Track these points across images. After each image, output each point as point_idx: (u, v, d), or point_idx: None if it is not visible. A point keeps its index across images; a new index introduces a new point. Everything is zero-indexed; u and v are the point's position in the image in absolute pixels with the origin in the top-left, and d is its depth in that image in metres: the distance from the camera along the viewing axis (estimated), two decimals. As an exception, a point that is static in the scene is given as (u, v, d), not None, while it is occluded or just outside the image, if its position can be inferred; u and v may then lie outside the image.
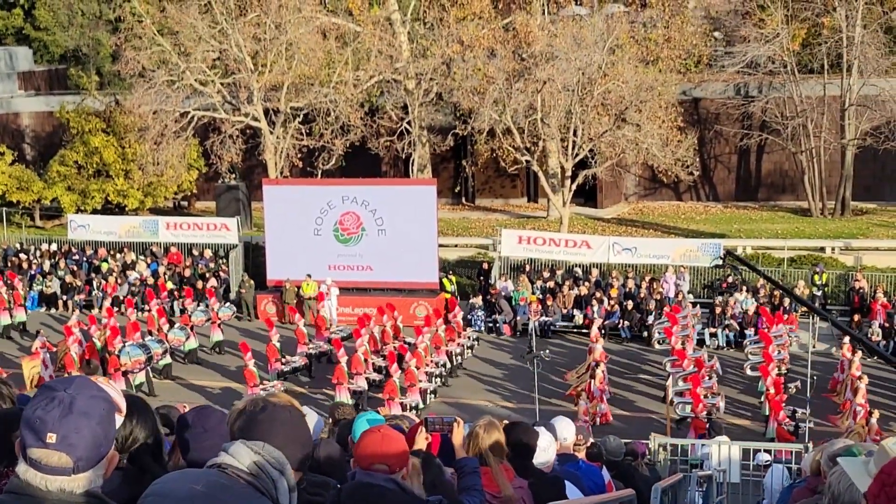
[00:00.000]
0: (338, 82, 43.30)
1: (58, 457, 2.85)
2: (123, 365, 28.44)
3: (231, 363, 32.00)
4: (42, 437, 2.84)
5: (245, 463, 3.58)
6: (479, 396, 28.94)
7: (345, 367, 27.65)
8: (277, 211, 37.26)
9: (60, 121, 49.61)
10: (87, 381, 3.02)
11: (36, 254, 41.56)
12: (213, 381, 30.42)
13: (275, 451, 3.63)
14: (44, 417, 2.86)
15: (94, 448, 2.89)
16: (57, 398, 2.89)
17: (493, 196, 50.63)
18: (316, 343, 31.51)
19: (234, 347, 32.52)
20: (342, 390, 27.42)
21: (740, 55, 44.46)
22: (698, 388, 25.53)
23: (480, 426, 6.25)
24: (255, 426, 3.76)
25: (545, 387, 28.57)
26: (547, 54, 40.12)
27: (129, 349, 28.97)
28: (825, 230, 42.00)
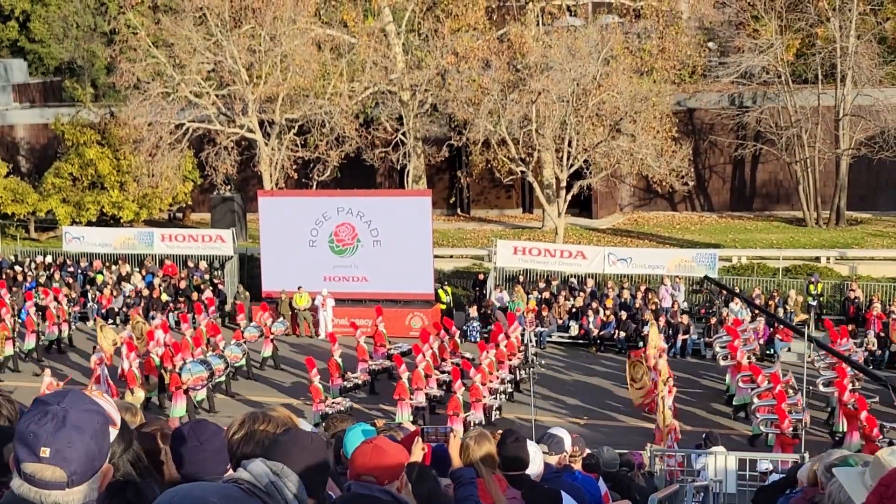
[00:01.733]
0: (333, 94, 43.32)
1: (52, 471, 2.83)
2: (185, 382, 27.81)
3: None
4: (35, 452, 2.82)
5: (262, 482, 3.57)
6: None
7: (406, 384, 27.03)
8: (272, 222, 37.25)
9: (55, 133, 49.58)
10: (81, 395, 3.01)
11: (31, 266, 41.49)
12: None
13: (293, 474, 3.62)
14: (37, 432, 2.84)
15: (88, 462, 2.87)
16: (50, 412, 2.87)
17: (489, 207, 50.65)
18: (377, 359, 30.89)
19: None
20: (404, 406, 26.81)
21: (734, 65, 44.58)
22: (783, 404, 24.92)
23: (471, 438, 6.23)
24: (276, 448, 3.76)
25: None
26: (541, 65, 40.18)
27: (191, 366, 28.32)
28: (820, 240, 42.04)
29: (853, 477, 3.82)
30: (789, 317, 32.95)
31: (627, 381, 28.22)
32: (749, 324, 31.34)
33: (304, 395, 29.33)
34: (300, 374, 31.59)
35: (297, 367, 32.24)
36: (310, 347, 34.05)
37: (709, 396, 29.52)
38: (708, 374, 31.26)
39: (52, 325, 34.61)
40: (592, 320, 33.98)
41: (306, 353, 32.91)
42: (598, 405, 29.13)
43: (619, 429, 27.08)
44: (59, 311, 35.07)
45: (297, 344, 34.88)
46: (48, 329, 34.71)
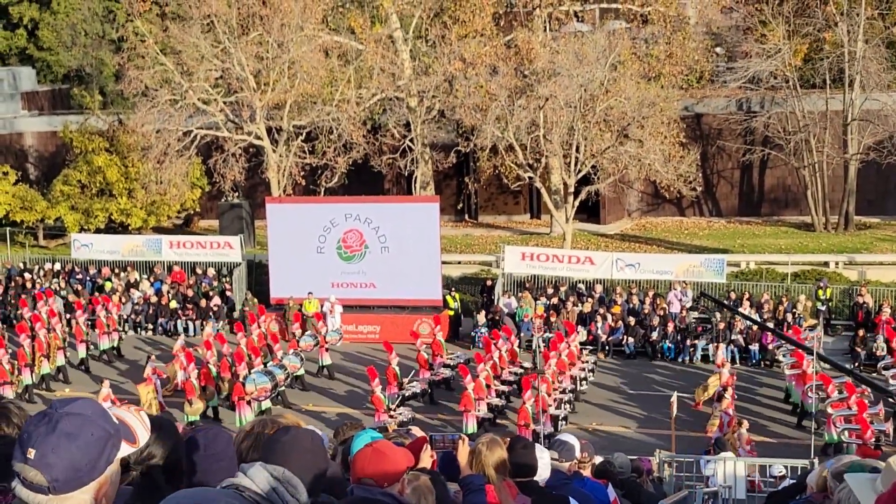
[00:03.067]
0: (340, 100, 43.36)
1: (34, 473, 2.82)
2: (249, 393, 27.60)
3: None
4: (24, 452, 2.82)
5: (263, 487, 3.56)
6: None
7: (472, 394, 26.64)
8: (280, 229, 37.29)
9: (64, 140, 49.72)
10: (88, 404, 2.98)
11: (39, 273, 41.59)
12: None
13: (293, 477, 3.61)
14: (31, 433, 2.84)
15: (70, 471, 2.84)
16: (47, 416, 2.87)
17: (496, 213, 50.62)
18: (437, 368, 30.60)
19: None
20: (469, 418, 26.48)
21: (742, 70, 44.51)
22: (864, 414, 24.70)
23: (483, 443, 6.23)
24: (277, 449, 3.74)
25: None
26: (549, 71, 40.19)
27: (256, 377, 28.11)
28: (829, 245, 41.95)
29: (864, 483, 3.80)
30: (798, 322, 32.85)
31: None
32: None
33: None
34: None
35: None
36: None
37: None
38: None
39: (103, 334, 34.41)
40: (601, 326, 33.95)
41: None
42: (613, 410, 29.12)
43: (631, 435, 26.99)
44: (109, 319, 34.93)
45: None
46: (98, 338, 34.50)
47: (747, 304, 34.29)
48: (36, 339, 31.77)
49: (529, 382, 26.52)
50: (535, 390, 26.11)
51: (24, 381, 30.51)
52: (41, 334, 32.00)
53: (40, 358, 31.48)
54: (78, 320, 34.47)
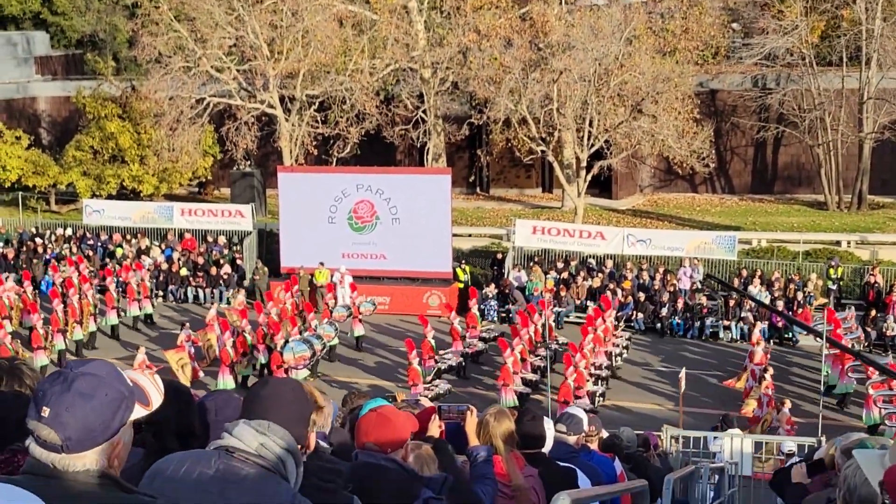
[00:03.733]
0: (353, 70, 43.25)
1: (47, 432, 2.83)
2: (287, 362, 27.54)
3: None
4: (38, 410, 2.84)
5: (252, 445, 3.57)
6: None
7: (510, 368, 26.48)
8: (292, 198, 37.29)
9: (77, 106, 49.72)
10: (103, 365, 3.00)
11: (51, 238, 41.70)
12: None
13: (279, 429, 3.62)
14: (45, 391, 2.86)
15: (84, 430, 2.85)
16: (63, 375, 2.88)
17: (508, 186, 50.53)
18: (470, 341, 30.43)
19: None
20: (507, 392, 26.25)
21: (758, 47, 44.23)
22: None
23: (491, 415, 6.23)
24: (259, 402, 3.73)
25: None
26: (563, 44, 40.00)
27: (294, 345, 28.00)
28: (841, 224, 41.80)
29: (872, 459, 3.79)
30: (808, 300, 32.79)
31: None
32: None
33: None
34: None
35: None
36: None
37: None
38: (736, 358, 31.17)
39: (133, 300, 34.40)
40: (611, 301, 33.92)
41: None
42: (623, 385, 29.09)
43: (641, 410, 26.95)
44: (142, 286, 34.90)
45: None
46: (129, 305, 34.48)
47: (758, 282, 34.25)
48: (69, 305, 31.59)
49: (570, 358, 26.38)
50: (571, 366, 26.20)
51: (58, 347, 30.32)
52: (74, 300, 31.85)
53: (73, 324, 31.36)
54: (109, 287, 34.39)
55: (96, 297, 33.83)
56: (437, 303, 34.37)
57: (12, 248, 40.77)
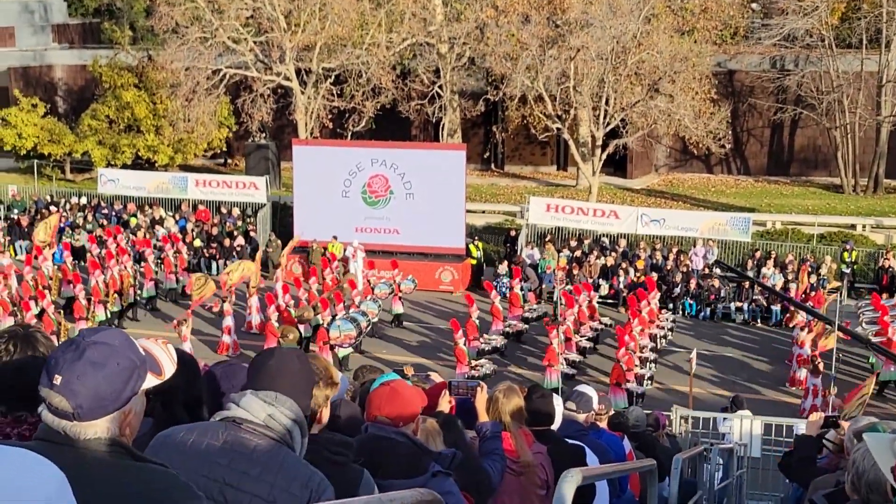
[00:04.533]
0: (370, 44, 43.14)
1: (59, 399, 2.84)
2: (334, 339, 27.28)
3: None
4: (50, 378, 2.85)
5: (260, 416, 3.58)
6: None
7: (556, 349, 26.06)
8: (306, 171, 37.28)
9: (93, 74, 49.73)
10: (116, 334, 3.00)
11: (66, 207, 41.81)
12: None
13: (287, 400, 3.63)
14: (57, 359, 2.86)
15: (95, 399, 2.86)
16: (75, 343, 2.89)
17: (523, 163, 50.44)
18: (511, 321, 30.27)
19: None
20: (553, 373, 25.79)
21: (777, 28, 43.96)
22: None
23: (500, 391, 6.25)
24: (266, 373, 3.73)
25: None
26: (581, 22, 39.82)
27: (341, 323, 27.62)
28: (857, 207, 41.64)
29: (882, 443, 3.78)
30: (822, 284, 32.70)
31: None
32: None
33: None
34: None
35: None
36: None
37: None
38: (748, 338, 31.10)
39: (170, 273, 34.27)
40: (623, 280, 33.89)
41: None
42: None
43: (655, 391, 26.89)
44: (179, 259, 34.77)
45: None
46: (166, 278, 34.36)
47: (771, 264, 34.17)
48: (110, 276, 31.41)
49: (624, 340, 26.13)
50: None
51: (99, 317, 30.08)
52: (115, 271, 31.63)
53: (113, 295, 31.15)
54: (147, 259, 34.25)
55: (135, 269, 33.67)
56: (449, 279, 34.36)
57: (27, 215, 40.88)
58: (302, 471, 3.57)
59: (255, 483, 3.49)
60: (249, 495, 3.48)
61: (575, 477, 4.10)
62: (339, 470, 3.88)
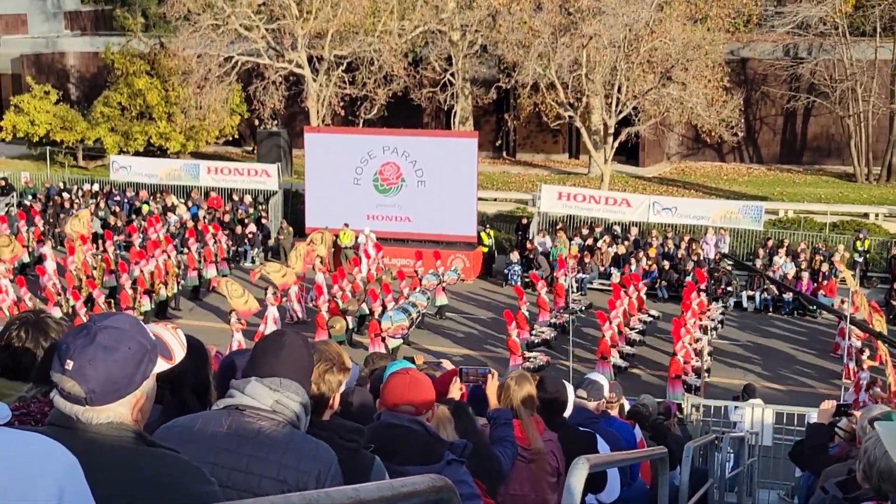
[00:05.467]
0: (382, 31, 43.09)
1: (71, 384, 2.85)
2: (385, 330, 26.99)
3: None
4: (62, 363, 2.85)
5: (267, 403, 3.59)
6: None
7: (608, 342, 25.99)
8: (318, 159, 37.29)
9: (105, 62, 49.80)
10: (127, 319, 3.01)
11: (78, 193, 41.89)
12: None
13: (292, 383, 3.64)
14: (69, 344, 2.87)
15: (107, 383, 2.87)
16: (86, 328, 2.89)
17: (535, 151, 50.38)
18: (556, 312, 29.84)
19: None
20: (605, 365, 25.48)
21: (791, 15, 43.78)
22: None
23: (512, 378, 6.25)
24: (268, 357, 3.73)
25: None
26: (594, 9, 39.69)
27: (393, 314, 27.39)
28: (870, 196, 41.49)
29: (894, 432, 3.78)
30: (834, 273, 32.61)
31: None
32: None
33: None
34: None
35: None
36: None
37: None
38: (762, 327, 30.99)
39: (210, 263, 34.02)
40: (634, 269, 33.84)
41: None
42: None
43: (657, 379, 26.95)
44: (219, 249, 34.60)
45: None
46: (206, 267, 33.99)
47: (783, 253, 34.08)
48: (155, 266, 31.23)
49: (680, 333, 25.86)
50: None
51: (144, 307, 29.90)
52: (160, 260, 31.49)
53: (159, 284, 30.97)
54: (191, 248, 33.87)
55: (178, 258, 33.46)
56: (460, 266, 34.35)
57: (39, 202, 40.98)
58: (309, 446, 3.59)
59: (263, 464, 3.50)
60: (258, 477, 3.50)
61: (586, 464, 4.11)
62: (350, 456, 3.89)
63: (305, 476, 3.50)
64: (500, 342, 28.28)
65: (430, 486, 3.16)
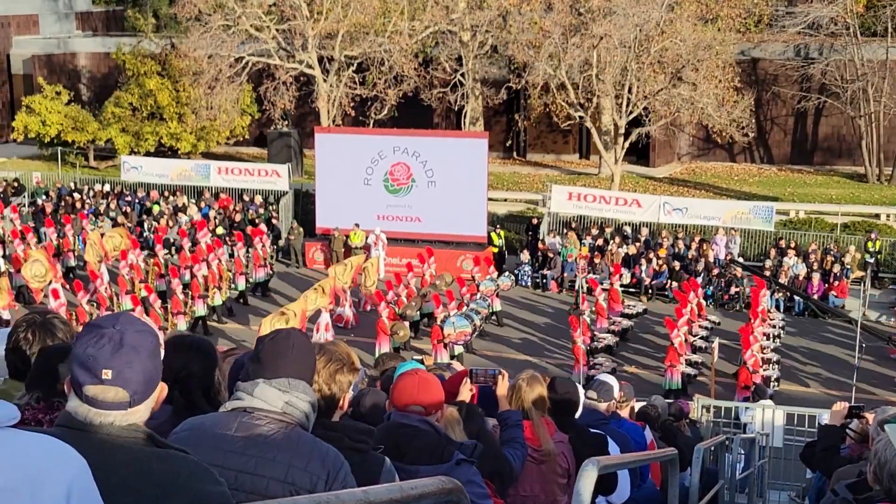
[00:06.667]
0: (393, 32, 43.11)
1: (114, 392, 2.85)
2: (447, 336, 26.45)
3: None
4: (97, 374, 2.84)
5: (277, 405, 3.58)
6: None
7: (678, 349, 25.51)
8: (328, 159, 37.31)
9: (116, 62, 49.92)
10: (132, 317, 3.03)
11: (89, 194, 41.99)
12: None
13: (300, 383, 3.63)
14: (96, 355, 2.85)
15: (146, 382, 2.90)
16: (106, 335, 2.88)
17: (545, 151, 50.35)
18: (614, 318, 29.63)
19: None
20: (675, 373, 25.23)
21: (802, 16, 43.69)
22: None
23: (523, 379, 6.24)
24: (273, 357, 3.70)
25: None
26: (604, 9, 39.66)
27: (456, 320, 26.94)
28: (881, 196, 41.38)
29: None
30: (846, 273, 32.51)
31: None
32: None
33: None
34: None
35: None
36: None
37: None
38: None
39: (258, 266, 33.71)
40: (645, 269, 33.80)
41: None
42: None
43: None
44: (264, 252, 34.28)
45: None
46: (255, 271, 33.76)
47: (793, 254, 33.98)
48: (209, 270, 31.01)
49: (749, 341, 25.48)
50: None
51: (198, 313, 29.73)
52: (213, 265, 31.28)
53: (213, 289, 30.68)
54: (238, 253, 33.59)
55: (228, 262, 33.17)
56: (470, 266, 34.33)
57: (50, 202, 41.07)
58: (318, 448, 3.57)
59: (270, 466, 3.50)
60: (266, 479, 3.49)
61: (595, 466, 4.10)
62: (360, 458, 3.89)
63: (314, 479, 3.49)
64: (558, 347, 28.18)
65: (439, 487, 3.16)
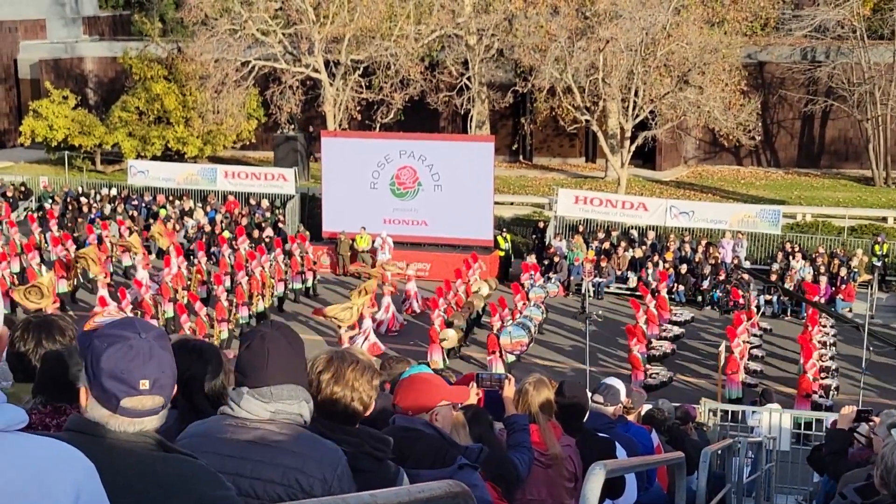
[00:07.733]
0: (399, 36, 43.16)
1: (152, 400, 2.86)
2: (503, 346, 26.26)
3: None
4: (135, 386, 2.83)
5: (264, 417, 3.56)
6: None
7: (738, 359, 25.16)
8: (335, 163, 37.36)
9: (123, 67, 50.00)
10: (145, 322, 3.03)
11: (96, 198, 42.06)
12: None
13: (283, 389, 3.57)
14: (130, 368, 2.84)
15: (173, 386, 2.94)
16: (135, 346, 2.86)
17: (551, 155, 50.32)
18: (666, 326, 29.33)
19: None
20: (734, 383, 24.95)
21: (808, 19, 43.61)
22: None
23: (530, 383, 6.24)
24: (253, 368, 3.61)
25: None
26: (611, 13, 39.66)
27: (512, 329, 26.79)
28: (888, 200, 41.30)
29: (913, 439, 3.76)
30: (853, 277, 32.45)
31: None
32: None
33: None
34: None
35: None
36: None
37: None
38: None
39: (296, 273, 33.46)
40: (651, 272, 33.77)
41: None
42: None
43: (676, 383, 26.77)
44: (305, 258, 34.06)
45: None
46: (292, 277, 33.45)
47: (800, 257, 33.93)
48: (251, 277, 30.80)
49: (809, 349, 25.18)
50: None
51: (242, 319, 29.43)
52: (257, 272, 31.09)
53: (257, 296, 30.51)
54: (277, 259, 33.07)
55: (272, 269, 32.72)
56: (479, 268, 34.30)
57: (56, 205, 41.15)
58: (314, 448, 3.54)
59: (268, 469, 3.48)
60: (263, 482, 3.47)
61: (602, 470, 4.10)
62: (378, 466, 3.87)
63: (311, 479, 3.47)
64: (608, 354, 28.11)
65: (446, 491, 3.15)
